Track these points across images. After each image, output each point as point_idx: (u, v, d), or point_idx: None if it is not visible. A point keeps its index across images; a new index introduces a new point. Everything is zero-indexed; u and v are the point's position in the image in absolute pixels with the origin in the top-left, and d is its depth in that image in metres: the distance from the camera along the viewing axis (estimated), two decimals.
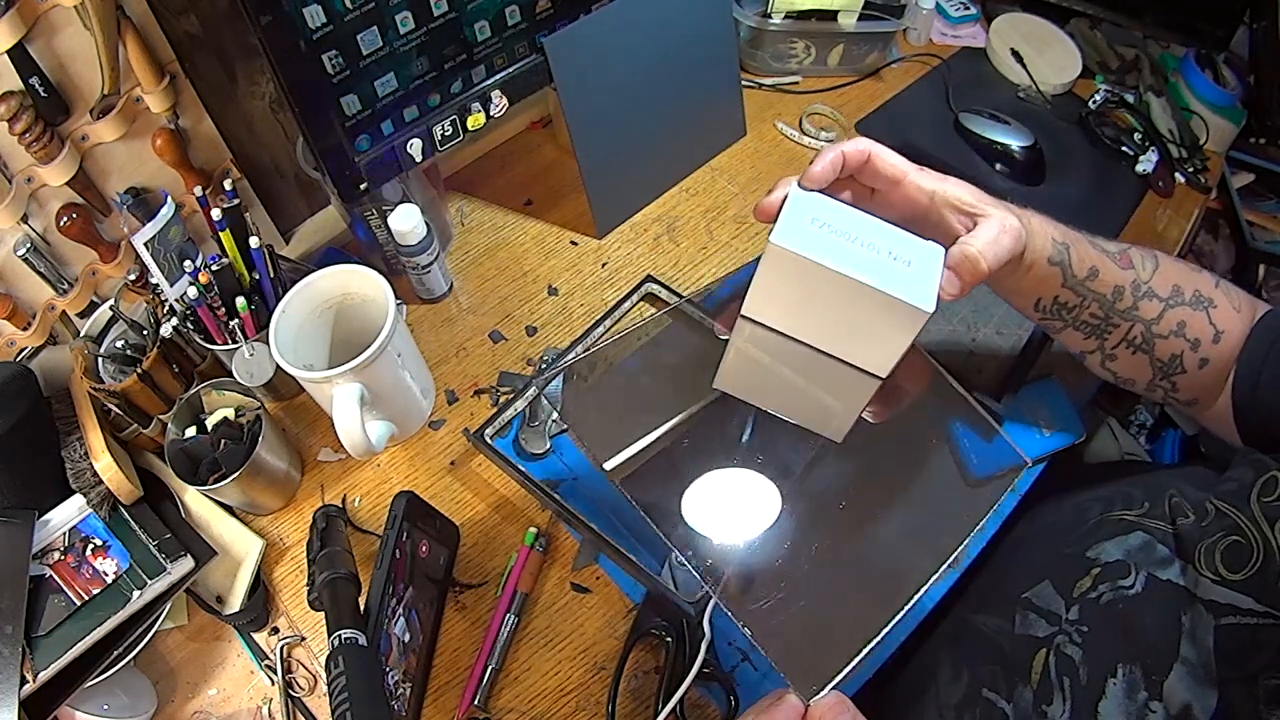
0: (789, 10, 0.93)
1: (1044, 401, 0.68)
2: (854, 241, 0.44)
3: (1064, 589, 0.50)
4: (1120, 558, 0.48)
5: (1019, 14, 1.04)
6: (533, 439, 0.68)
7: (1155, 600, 0.46)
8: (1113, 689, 0.44)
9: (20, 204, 0.59)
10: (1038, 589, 0.51)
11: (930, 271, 0.44)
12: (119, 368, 0.66)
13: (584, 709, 0.58)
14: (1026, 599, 0.51)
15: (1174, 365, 0.54)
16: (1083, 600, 0.48)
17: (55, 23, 0.55)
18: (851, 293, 0.43)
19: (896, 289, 0.42)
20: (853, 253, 0.43)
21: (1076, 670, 0.46)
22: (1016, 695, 0.48)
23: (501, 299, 0.79)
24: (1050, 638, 0.48)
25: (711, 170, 0.90)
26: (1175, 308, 0.52)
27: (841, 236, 0.44)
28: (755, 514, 0.51)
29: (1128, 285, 0.52)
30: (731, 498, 0.52)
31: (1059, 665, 0.47)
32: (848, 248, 0.43)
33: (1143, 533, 0.49)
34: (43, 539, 0.59)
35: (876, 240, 0.44)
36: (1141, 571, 0.47)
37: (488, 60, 0.67)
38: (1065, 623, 0.48)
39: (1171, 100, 0.95)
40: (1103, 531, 0.51)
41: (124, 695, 0.58)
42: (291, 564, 0.64)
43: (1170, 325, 0.52)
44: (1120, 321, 0.53)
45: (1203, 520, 0.46)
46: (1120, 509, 0.51)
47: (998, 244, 0.44)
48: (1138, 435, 1.18)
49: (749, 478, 0.53)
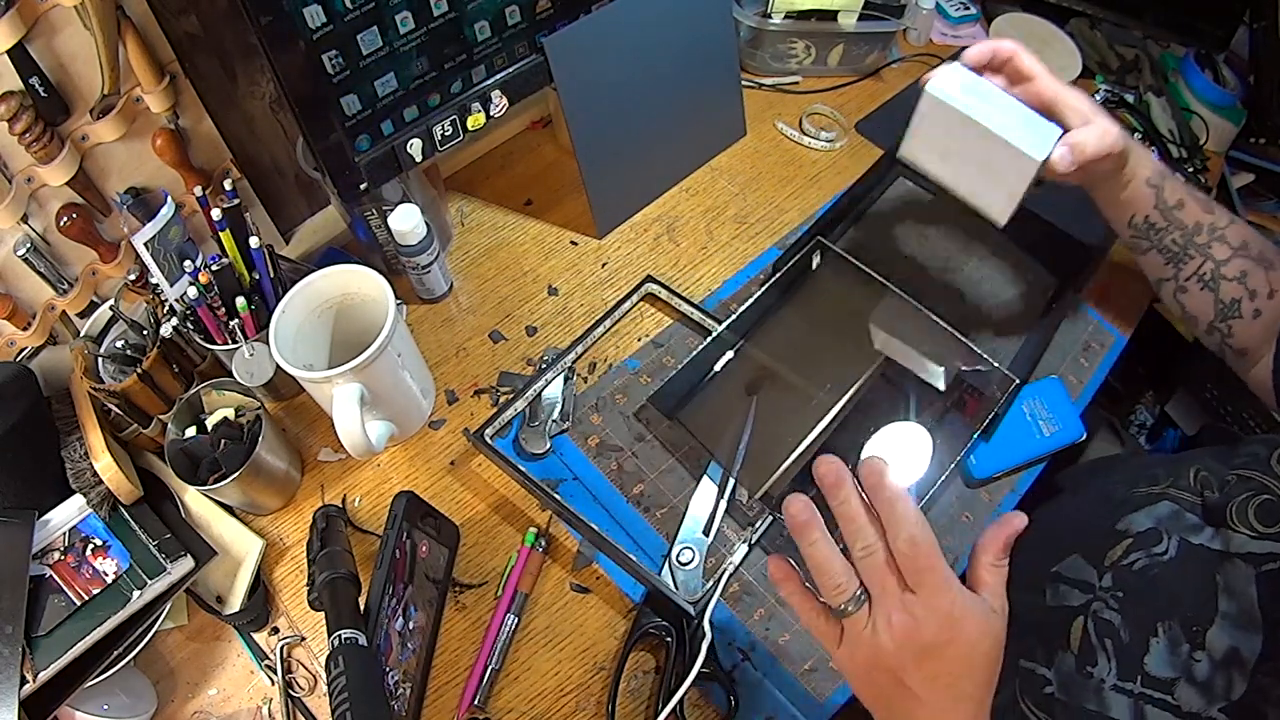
0: (789, 10, 0.93)
1: (1044, 401, 0.68)
2: (991, 106, 0.56)
3: (1095, 559, 0.52)
4: (1151, 526, 0.50)
5: (1019, 14, 1.04)
6: (533, 439, 0.68)
7: (1189, 563, 0.47)
8: (1155, 645, 0.45)
9: (20, 204, 0.59)
10: (1067, 562, 0.53)
11: (1046, 140, 0.55)
12: (119, 368, 0.66)
13: (584, 709, 0.58)
14: (1056, 573, 0.53)
15: (1233, 309, 0.61)
16: (1115, 568, 0.50)
17: (55, 23, 0.55)
18: (982, 139, 0.56)
19: (1018, 142, 0.55)
20: (988, 112, 0.56)
21: (1117, 632, 0.47)
22: (1058, 660, 0.49)
23: (501, 299, 0.79)
24: (1085, 605, 0.50)
25: (711, 170, 0.90)
26: (1241, 257, 0.61)
27: (982, 100, 0.56)
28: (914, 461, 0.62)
29: (1205, 225, 0.61)
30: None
31: (1098, 629, 0.48)
32: (985, 109, 0.56)
33: (1170, 503, 0.51)
34: (43, 539, 0.59)
35: (1009, 111, 0.57)
36: (1174, 537, 0.49)
37: (488, 60, 0.67)
38: (1099, 590, 0.50)
39: (1171, 100, 0.95)
40: (1130, 505, 0.53)
41: (124, 695, 0.58)
42: (291, 564, 0.64)
43: (1235, 270, 0.61)
44: (1195, 255, 0.62)
45: (1227, 489, 0.49)
46: (1145, 485, 0.54)
47: (1100, 140, 0.56)
48: (1138, 435, 1.18)
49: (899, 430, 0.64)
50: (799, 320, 0.75)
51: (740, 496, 0.66)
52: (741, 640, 0.61)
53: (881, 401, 0.68)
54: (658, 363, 0.74)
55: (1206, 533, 0.48)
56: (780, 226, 0.85)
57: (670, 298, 0.76)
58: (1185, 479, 0.52)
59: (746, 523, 0.65)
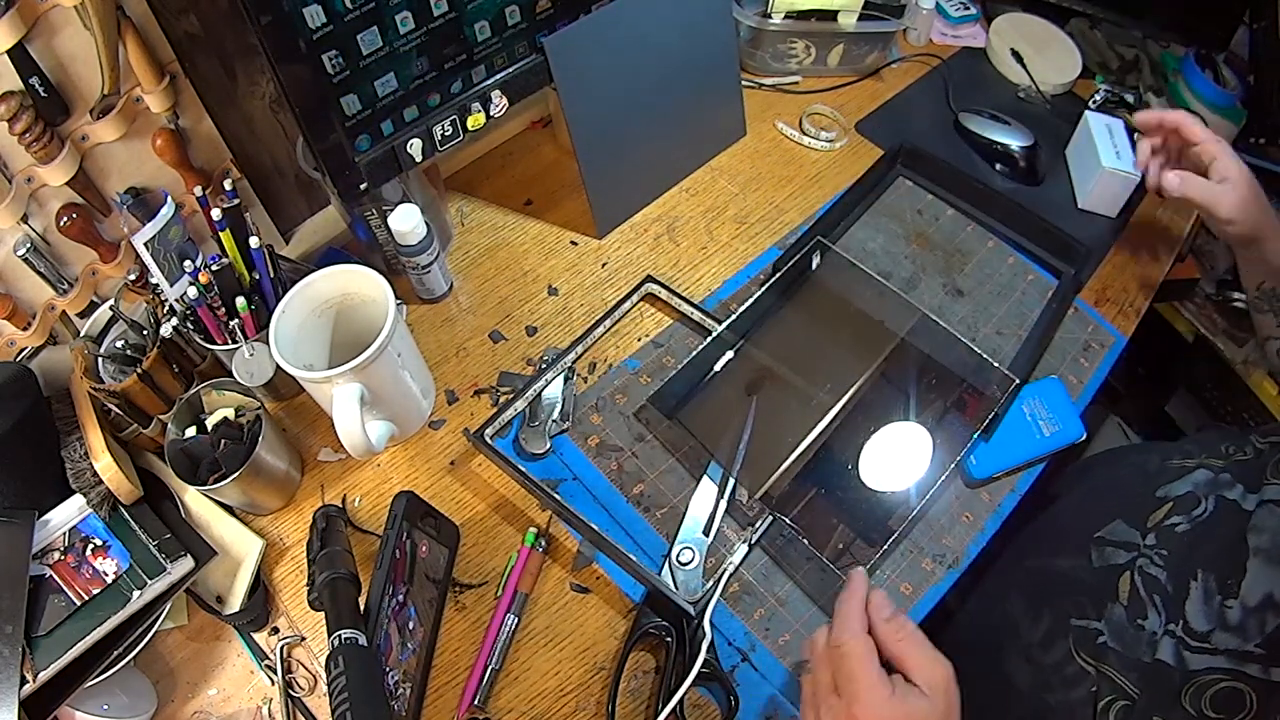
0: (789, 10, 0.93)
1: (1044, 401, 0.68)
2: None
3: (1137, 523, 0.56)
4: (1190, 490, 0.55)
5: (1019, 14, 1.04)
6: (533, 439, 0.68)
7: (1224, 516, 0.52)
8: (1194, 591, 0.49)
9: (20, 204, 0.59)
10: (1110, 527, 0.57)
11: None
12: (119, 368, 0.66)
13: (584, 709, 0.58)
14: (1100, 537, 0.57)
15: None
16: (1159, 529, 0.54)
17: (55, 23, 0.55)
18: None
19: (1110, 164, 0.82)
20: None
21: (1164, 587, 0.51)
22: (1108, 613, 0.53)
23: (501, 299, 0.79)
24: (1131, 561, 0.54)
25: (711, 170, 0.90)
26: None
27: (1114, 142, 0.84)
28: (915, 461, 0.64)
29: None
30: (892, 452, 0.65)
31: (1146, 585, 0.52)
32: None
33: (1206, 470, 0.55)
34: (43, 539, 0.59)
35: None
36: (1210, 497, 0.53)
37: (488, 60, 0.67)
38: (1144, 548, 0.54)
39: (1172, 100, 0.95)
40: (1167, 475, 0.57)
41: (124, 695, 0.58)
42: (291, 564, 0.64)
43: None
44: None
45: (1260, 455, 0.53)
46: (1179, 459, 0.58)
47: (1211, 197, 0.68)
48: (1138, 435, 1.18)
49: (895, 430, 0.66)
50: (799, 320, 0.75)
51: (740, 496, 0.66)
52: (741, 640, 0.60)
53: (881, 401, 0.69)
54: (658, 363, 0.74)
55: (1239, 490, 0.52)
56: (780, 226, 0.85)
57: (670, 298, 0.76)
58: (1216, 450, 0.56)
59: (746, 523, 0.65)
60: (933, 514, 0.67)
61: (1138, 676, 0.48)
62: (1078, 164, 0.89)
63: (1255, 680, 0.43)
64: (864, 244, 0.83)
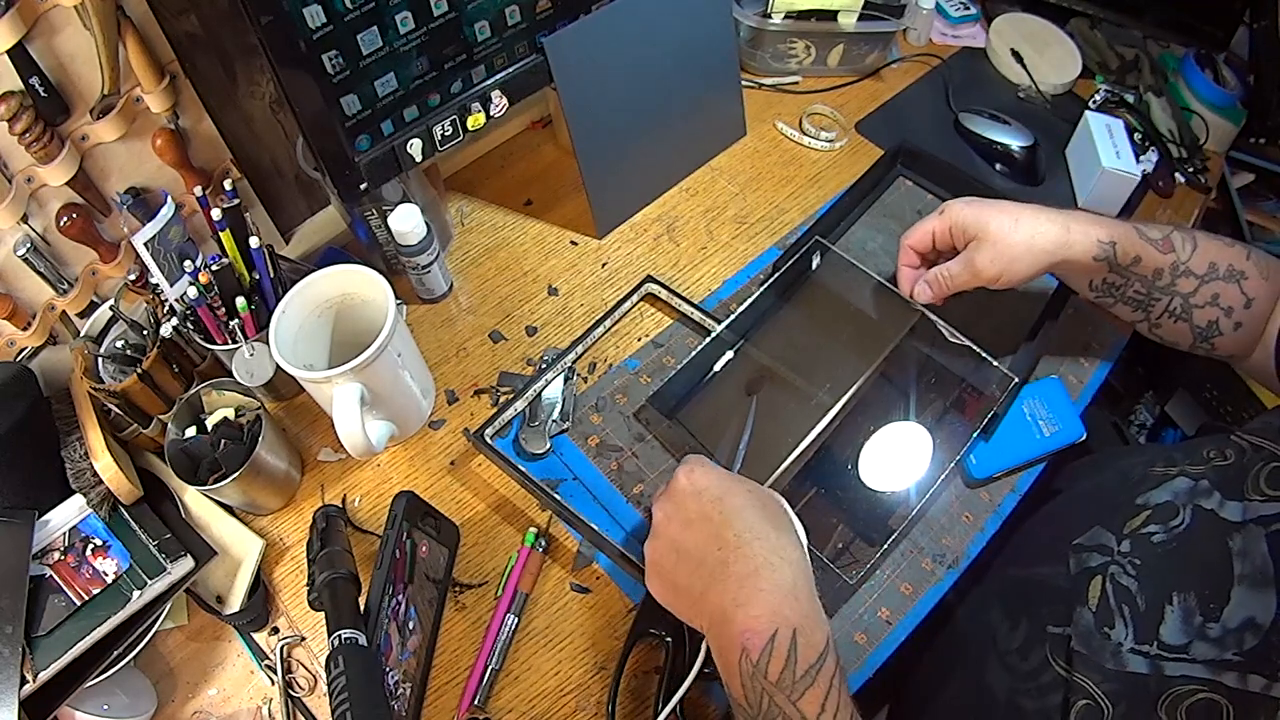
0: (789, 10, 0.93)
1: (1044, 401, 0.68)
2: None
3: (1114, 528, 0.55)
4: (1169, 499, 0.53)
5: (1019, 14, 1.04)
6: (533, 439, 0.68)
7: (1202, 530, 0.50)
8: (1170, 614, 0.47)
9: (20, 204, 0.59)
10: (1089, 534, 0.56)
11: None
12: (119, 368, 0.66)
13: (584, 709, 0.58)
14: (1078, 544, 0.56)
15: (1211, 330, 0.62)
16: (1134, 536, 0.53)
17: (55, 23, 0.55)
18: None
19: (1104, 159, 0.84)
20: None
21: (1134, 599, 0.50)
22: (1076, 617, 0.52)
23: (501, 299, 0.79)
24: (1104, 566, 0.53)
25: (711, 170, 0.90)
26: (1210, 282, 0.61)
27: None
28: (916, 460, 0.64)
29: (1166, 267, 0.61)
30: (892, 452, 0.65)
31: (1116, 594, 0.51)
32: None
33: (1186, 479, 0.54)
34: (43, 539, 0.59)
35: None
36: (1188, 508, 0.51)
37: (488, 60, 0.67)
38: (1117, 554, 0.53)
39: (1171, 100, 0.95)
40: (1148, 483, 0.56)
41: (124, 695, 0.58)
42: (291, 564, 0.64)
43: (1205, 297, 0.61)
44: (1161, 296, 0.63)
45: (1242, 457, 0.51)
46: (1162, 465, 0.57)
47: (965, 274, 0.65)
48: (1138, 435, 1.18)
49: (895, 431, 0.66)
50: (799, 320, 0.75)
51: None
52: None
53: (881, 401, 0.68)
54: (658, 363, 0.74)
55: (1216, 498, 0.50)
56: (780, 226, 0.85)
57: (670, 298, 0.76)
58: (1198, 456, 0.55)
59: None
60: (932, 514, 0.67)
61: (1112, 686, 0.48)
62: (1078, 164, 0.89)
63: (1231, 690, 0.42)
64: (864, 244, 0.83)
